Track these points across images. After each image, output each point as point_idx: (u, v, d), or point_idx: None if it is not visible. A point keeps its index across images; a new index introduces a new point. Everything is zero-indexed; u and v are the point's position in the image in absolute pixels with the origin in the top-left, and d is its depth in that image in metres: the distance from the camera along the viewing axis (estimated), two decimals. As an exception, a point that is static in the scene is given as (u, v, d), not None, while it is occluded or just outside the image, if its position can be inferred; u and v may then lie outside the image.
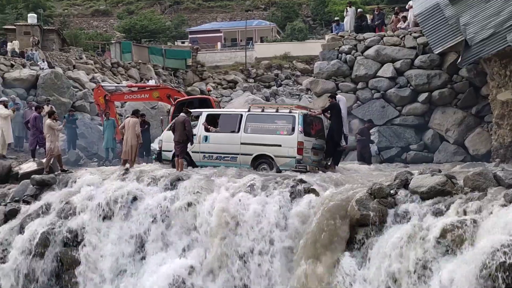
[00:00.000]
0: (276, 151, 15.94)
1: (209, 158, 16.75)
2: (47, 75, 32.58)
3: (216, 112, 17.34)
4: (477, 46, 17.78)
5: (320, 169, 16.12)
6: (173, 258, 12.36)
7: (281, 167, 15.62)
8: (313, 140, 16.44)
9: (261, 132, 16.29)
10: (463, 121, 20.73)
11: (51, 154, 16.87)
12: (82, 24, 74.35)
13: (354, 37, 22.85)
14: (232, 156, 16.37)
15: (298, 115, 15.98)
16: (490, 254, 8.28)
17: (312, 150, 16.23)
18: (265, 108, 16.90)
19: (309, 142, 16.07)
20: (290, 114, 16.13)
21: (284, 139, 15.99)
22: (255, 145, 16.16)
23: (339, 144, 17.02)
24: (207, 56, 57.87)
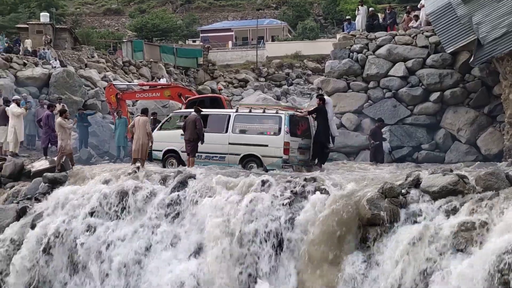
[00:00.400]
0: (263, 151, 16.38)
1: (198, 158, 17.07)
2: (59, 73, 32.74)
3: (205, 112, 17.65)
4: (490, 45, 17.68)
5: (306, 168, 16.57)
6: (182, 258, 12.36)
7: (268, 167, 16.03)
8: (299, 140, 16.87)
9: (249, 132, 16.84)
10: (475, 120, 20.62)
11: (62, 152, 16.97)
12: (94, 23, 74.69)
13: (366, 36, 22.78)
14: (221, 155, 16.88)
15: (285, 115, 16.43)
16: (502, 254, 8.24)
17: (298, 150, 16.70)
18: (252, 109, 17.28)
19: (295, 142, 16.52)
20: (277, 114, 16.56)
21: (271, 139, 16.47)
22: (242, 145, 16.64)
23: (327, 146, 17.39)
24: (218, 55, 57.94)
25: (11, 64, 33.18)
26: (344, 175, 14.71)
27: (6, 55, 34.08)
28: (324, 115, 17.39)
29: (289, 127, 16.39)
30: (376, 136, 19.65)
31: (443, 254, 9.19)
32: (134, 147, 17.09)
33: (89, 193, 14.47)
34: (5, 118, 20.47)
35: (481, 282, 8.29)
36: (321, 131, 17.26)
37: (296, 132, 16.80)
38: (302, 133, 17.17)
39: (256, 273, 11.46)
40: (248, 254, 11.59)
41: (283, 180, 12.80)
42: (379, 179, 12.41)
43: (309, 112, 17.74)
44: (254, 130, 16.87)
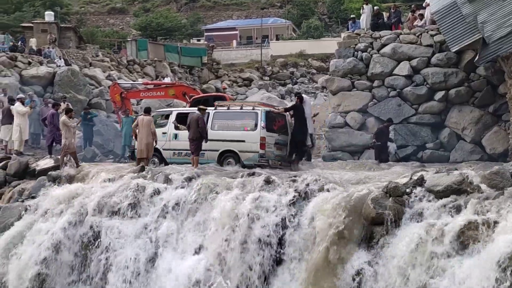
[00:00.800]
0: (241, 147, 16.89)
1: (178, 155, 17.79)
2: (63, 72, 32.82)
3: (185, 111, 18.21)
4: (495, 44, 17.63)
5: (283, 164, 17.25)
6: (189, 255, 12.37)
7: (245, 162, 16.62)
8: (276, 135, 17.37)
9: (227, 128, 17.33)
10: (480, 119, 20.56)
11: (65, 151, 17.03)
12: (99, 22, 74.78)
13: (370, 35, 22.73)
14: (200, 152, 17.07)
15: (261, 112, 16.92)
16: (506, 253, 8.22)
17: (275, 145, 17.25)
18: (230, 106, 17.78)
19: (271, 137, 17.05)
20: (253, 111, 17.08)
21: (247, 135, 16.94)
22: (221, 141, 17.13)
23: (304, 143, 17.92)
24: (222, 54, 57.95)
25: (16, 63, 33.28)
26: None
27: (11, 54, 34.17)
28: (301, 113, 17.80)
29: (266, 123, 16.87)
30: (382, 135, 19.62)
31: (448, 253, 9.17)
32: (139, 147, 17.10)
33: (93, 192, 14.48)
34: (10, 117, 20.53)
35: (486, 281, 8.27)
36: (298, 129, 17.71)
37: (273, 128, 17.27)
38: (279, 129, 17.60)
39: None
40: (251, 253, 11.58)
41: (287, 180, 12.80)
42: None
43: (286, 109, 18.27)
44: (232, 126, 17.32)
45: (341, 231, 10.53)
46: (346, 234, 10.53)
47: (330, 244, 10.58)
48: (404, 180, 11.00)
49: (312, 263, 10.77)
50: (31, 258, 13.62)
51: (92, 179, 15.51)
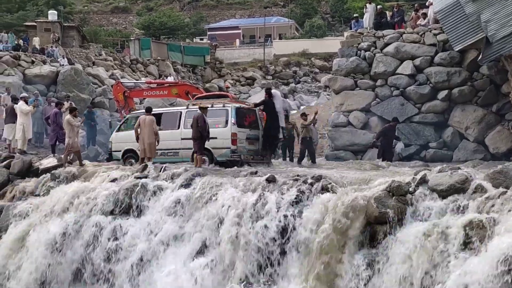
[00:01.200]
0: (213, 144, 17.04)
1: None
2: (67, 71, 32.90)
3: (158, 111, 18.66)
4: (498, 43, 17.62)
5: (255, 158, 17.74)
6: (191, 254, 12.38)
7: (218, 158, 17.04)
8: (247, 131, 17.79)
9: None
10: (483, 119, 20.54)
11: (69, 150, 17.06)
12: (102, 21, 74.82)
13: (373, 34, 22.73)
14: (175, 151, 17.69)
15: (231, 108, 17.36)
16: (510, 252, 8.20)
17: (246, 140, 17.62)
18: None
19: (242, 133, 17.45)
20: (224, 108, 17.49)
21: (219, 131, 17.23)
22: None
23: (277, 137, 18.32)
24: (225, 53, 57.99)
25: (19, 62, 33.37)
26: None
27: (14, 53, 34.23)
28: (271, 108, 18.14)
29: (236, 119, 17.29)
30: (386, 134, 19.59)
31: (451, 252, 9.15)
32: (141, 146, 17.09)
33: (97, 191, 14.49)
34: (14, 116, 20.56)
35: (490, 280, 8.26)
36: (269, 123, 18.14)
37: (244, 124, 17.70)
38: (250, 124, 18.04)
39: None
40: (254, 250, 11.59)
41: (290, 178, 12.78)
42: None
43: (255, 105, 18.70)
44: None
45: (344, 231, 10.52)
46: (349, 234, 10.52)
47: (332, 244, 10.57)
48: (407, 179, 10.97)
49: (314, 262, 10.76)
50: (35, 258, 13.64)
51: (95, 178, 15.50)
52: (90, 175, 15.81)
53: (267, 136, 18.08)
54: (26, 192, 16.34)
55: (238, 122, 17.31)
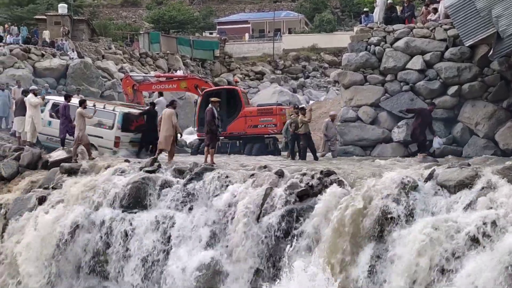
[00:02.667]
0: (100, 142, 19.00)
1: (50, 140, 20.01)
2: (76, 64, 33.01)
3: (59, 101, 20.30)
4: (510, 38, 17.49)
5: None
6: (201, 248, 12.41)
7: None
8: (132, 134, 19.68)
9: (91, 124, 18.77)
10: (493, 115, 20.41)
11: (78, 143, 17.12)
12: (111, 15, 74.93)
13: (383, 29, 22.59)
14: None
15: (119, 113, 19.28)
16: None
17: (130, 143, 19.52)
18: (96, 103, 19.69)
19: (126, 136, 19.29)
20: (113, 111, 19.36)
21: (106, 132, 19.26)
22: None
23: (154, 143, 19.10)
24: (234, 47, 57.99)
25: (29, 55, 33.51)
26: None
27: (24, 46, 34.36)
28: (153, 117, 19.71)
29: (122, 124, 19.22)
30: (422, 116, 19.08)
31: (461, 248, 9.14)
32: (160, 138, 17.33)
33: (106, 184, 14.54)
34: (24, 109, 20.63)
35: (499, 276, 8.25)
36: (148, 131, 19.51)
37: (129, 128, 19.50)
38: (136, 128, 19.82)
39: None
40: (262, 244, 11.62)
41: (298, 173, 12.78)
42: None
43: (140, 114, 20.22)
44: (95, 122, 19.09)
45: (353, 225, 10.52)
46: (358, 228, 10.51)
47: (341, 238, 10.57)
48: (416, 174, 10.95)
49: (323, 257, 10.76)
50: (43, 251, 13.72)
51: (104, 171, 15.55)
52: (99, 168, 15.85)
53: (144, 141, 19.73)
54: (36, 185, 16.40)
55: (123, 127, 19.26)
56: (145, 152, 19.78)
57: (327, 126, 20.43)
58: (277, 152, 23.33)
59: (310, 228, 11.29)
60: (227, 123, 22.79)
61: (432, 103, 20.29)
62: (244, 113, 23.08)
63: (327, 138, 20.46)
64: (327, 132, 20.39)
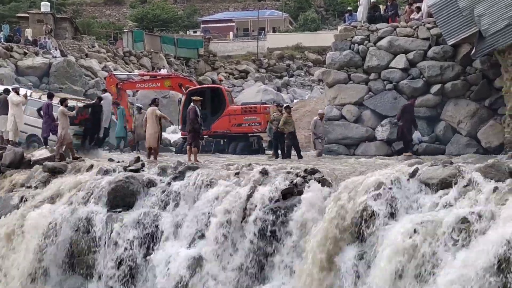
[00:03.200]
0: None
1: None
2: (59, 63, 32.80)
3: None
4: (492, 37, 17.66)
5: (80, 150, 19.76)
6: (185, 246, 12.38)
7: None
8: (77, 128, 20.33)
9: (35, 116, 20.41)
10: (475, 113, 20.60)
11: (61, 142, 17.00)
12: (95, 13, 74.54)
13: (367, 28, 22.71)
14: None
15: None
16: (502, 246, 8.24)
17: (74, 136, 19.62)
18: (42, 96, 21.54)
19: (71, 129, 19.10)
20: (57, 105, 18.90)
21: None
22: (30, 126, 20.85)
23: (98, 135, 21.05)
24: (219, 46, 57.94)
25: (11, 54, 33.23)
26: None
27: (6, 44, 34.06)
28: (98, 111, 20.67)
29: None
30: (406, 113, 19.42)
31: (443, 246, 9.17)
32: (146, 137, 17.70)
33: (89, 183, 14.45)
34: (7, 107, 20.45)
35: (482, 274, 8.29)
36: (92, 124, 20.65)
37: (73, 122, 19.52)
38: (81, 122, 20.65)
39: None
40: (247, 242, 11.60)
41: (282, 171, 12.79)
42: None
43: (85, 106, 21.15)
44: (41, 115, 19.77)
45: (335, 223, 10.53)
46: (341, 226, 10.53)
47: (326, 236, 10.58)
48: (398, 172, 10.98)
49: (308, 256, 10.77)
50: (27, 250, 13.61)
51: (88, 170, 15.46)
52: (83, 168, 15.76)
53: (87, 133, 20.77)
54: (18, 184, 16.26)
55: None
56: (88, 145, 20.57)
57: (316, 124, 20.43)
58: (261, 150, 23.36)
59: (295, 226, 11.28)
60: (211, 122, 22.77)
61: (413, 97, 20.43)
62: (228, 111, 23.08)
63: (316, 136, 20.43)
64: (315, 130, 20.38)
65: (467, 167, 10.61)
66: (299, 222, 11.26)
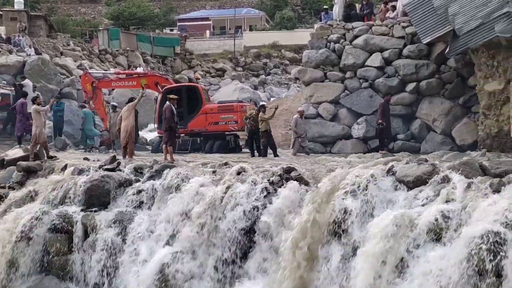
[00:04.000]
0: None
1: None
2: (34, 61, 32.33)
3: None
4: (465, 36, 17.85)
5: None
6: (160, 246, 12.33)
7: None
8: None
9: None
10: (450, 111, 20.82)
11: (35, 141, 16.79)
12: (70, 11, 73.78)
13: (343, 26, 22.81)
14: None
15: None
16: (477, 242, 8.35)
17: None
18: None
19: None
20: None
21: None
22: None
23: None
24: (195, 44, 57.74)
25: (-16, 52, 32.66)
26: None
27: (-21, 42, 33.55)
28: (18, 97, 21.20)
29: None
30: (384, 113, 19.54)
31: (419, 243, 9.27)
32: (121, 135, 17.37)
33: (65, 182, 14.32)
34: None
35: (457, 270, 8.40)
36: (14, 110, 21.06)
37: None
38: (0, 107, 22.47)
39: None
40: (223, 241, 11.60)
41: (259, 169, 12.81)
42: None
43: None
44: None
45: (311, 222, 10.56)
46: (318, 225, 10.57)
47: (301, 234, 10.61)
48: (374, 170, 11.06)
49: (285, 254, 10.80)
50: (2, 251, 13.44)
51: (63, 170, 15.31)
52: (58, 167, 15.60)
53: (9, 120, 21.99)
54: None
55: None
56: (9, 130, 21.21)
57: (297, 123, 20.20)
58: (238, 149, 23.33)
59: (271, 225, 11.31)
60: (188, 120, 22.69)
61: (388, 93, 20.56)
62: (204, 110, 23.01)
63: (297, 135, 20.15)
64: (296, 128, 20.14)
65: (442, 164, 10.75)
66: (275, 220, 11.29)
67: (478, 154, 16.80)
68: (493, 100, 18.75)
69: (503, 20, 17.41)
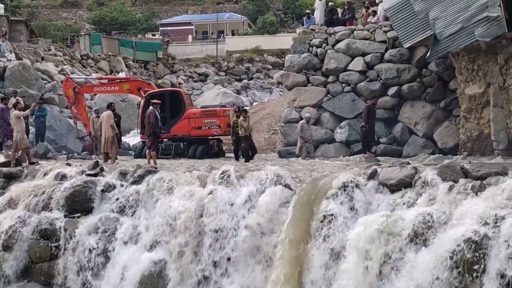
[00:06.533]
0: None
1: None
2: (14, 66, 32.09)
3: None
4: (446, 40, 18.05)
5: None
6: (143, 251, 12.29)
7: None
8: None
9: None
10: (431, 114, 20.98)
11: (16, 147, 16.66)
12: (51, 15, 73.28)
13: (325, 31, 22.90)
14: None
15: None
16: (458, 245, 8.43)
17: None
18: None
19: None
20: None
21: None
22: None
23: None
24: (178, 49, 57.67)
25: (-36, 57, 32.37)
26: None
27: (-41, 48, 33.22)
28: None
29: None
30: (369, 116, 19.52)
31: (402, 246, 9.33)
32: (102, 142, 17.36)
33: (47, 188, 14.23)
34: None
35: (440, 272, 8.47)
36: None
37: None
38: None
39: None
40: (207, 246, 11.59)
41: (243, 174, 12.81)
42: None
43: None
44: None
45: (296, 227, 10.60)
46: (302, 228, 10.59)
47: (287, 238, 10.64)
48: (357, 174, 11.12)
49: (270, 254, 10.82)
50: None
51: (45, 176, 15.20)
52: (40, 172, 15.49)
53: None
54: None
55: None
56: None
57: (303, 128, 20.06)
58: (221, 153, 23.31)
59: (256, 228, 11.32)
60: (171, 125, 22.62)
61: (373, 97, 20.61)
62: (187, 115, 22.95)
63: (303, 140, 20.00)
64: (303, 133, 19.98)
65: (424, 167, 10.83)
66: (262, 223, 11.32)
67: (459, 157, 16.94)
68: (473, 103, 18.97)
69: (483, 25, 17.64)
